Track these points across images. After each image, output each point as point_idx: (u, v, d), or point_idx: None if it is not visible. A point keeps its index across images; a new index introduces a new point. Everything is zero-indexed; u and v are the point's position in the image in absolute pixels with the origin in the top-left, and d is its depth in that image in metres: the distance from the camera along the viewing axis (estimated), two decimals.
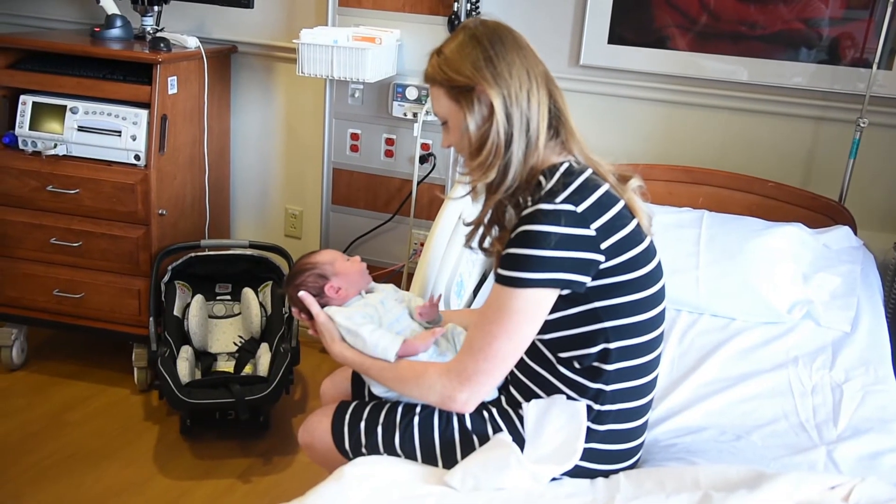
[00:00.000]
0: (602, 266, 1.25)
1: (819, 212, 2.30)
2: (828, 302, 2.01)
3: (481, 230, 1.44)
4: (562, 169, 1.30)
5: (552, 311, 1.28)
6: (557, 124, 1.35)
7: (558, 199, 1.24)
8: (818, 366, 1.80)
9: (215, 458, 2.30)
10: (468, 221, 1.47)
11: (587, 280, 1.25)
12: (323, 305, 1.55)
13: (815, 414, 1.64)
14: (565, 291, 1.26)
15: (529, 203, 1.28)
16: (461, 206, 2.04)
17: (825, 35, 2.28)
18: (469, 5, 2.44)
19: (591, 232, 1.24)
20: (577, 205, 1.24)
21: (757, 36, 2.33)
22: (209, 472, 2.23)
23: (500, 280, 1.25)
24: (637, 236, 1.31)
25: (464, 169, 1.39)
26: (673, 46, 2.41)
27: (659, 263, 1.36)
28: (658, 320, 1.35)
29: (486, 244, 1.45)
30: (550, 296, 1.25)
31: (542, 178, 1.30)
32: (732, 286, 2.00)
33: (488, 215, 1.39)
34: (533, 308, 1.25)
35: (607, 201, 1.28)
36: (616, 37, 2.45)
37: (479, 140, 1.32)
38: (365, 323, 1.46)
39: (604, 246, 1.25)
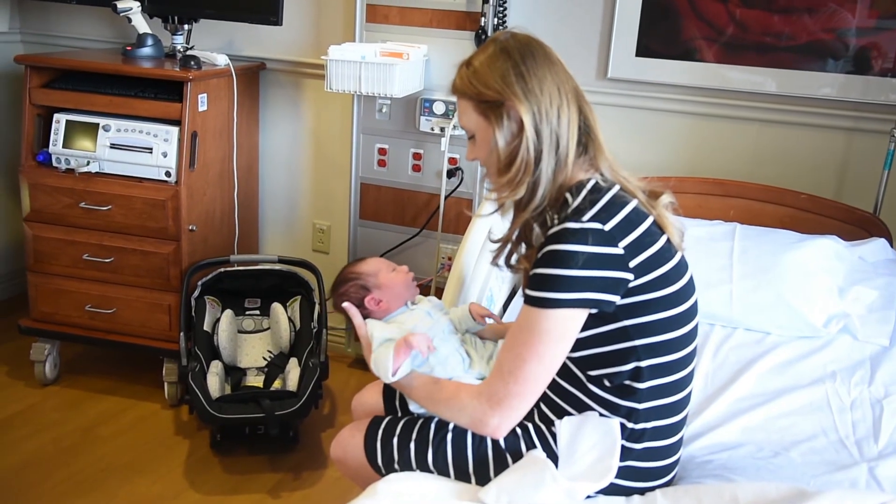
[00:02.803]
0: (631, 284, 1.23)
1: (854, 224, 2.26)
2: (865, 316, 1.97)
3: (508, 248, 1.43)
4: (588, 186, 1.28)
5: (582, 330, 1.26)
6: (587, 141, 1.33)
7: (585, 218, 1.22)
8: (856, 381, 1.77)
9: (245, 473, 2.30)
10: (495, 239, 1.45)
11: (616, 299, 1.23)
12: (366, 316, 1.55)
13: (854, 430, 1.60)
14: (594, 310, 1.24)
15: (556, 221, 1.26)
16: (490, 221, 2.04)
17: (852, 45, 2.26)
18: (496, 20, 2.44)
19: (619, 250, 1.21)
20: (604, 223, 1.22)
21: (784, 47, 2.31)
22: (239, 487, 2.24)
23: (529, 301, 1.24)
24: (667, 253, 1.28)
25: (491, 185, 1.38)
26: (701, 58, 2.39)
27: (691, 279, 1.33)
28: (690, 337, 1.33)
29: (514, 261, 1.44)
30: (580, 315, 1.23)
31: (568, 196, 1.28)
32: (767, 300, 1.97)
33: (516, 233, 1.37)
34: (562, 329, 1.23)
35: (636, 218, 1.26)
36: (644, 49, 2.44)
37: (509, 156, 1.30)
38: (383, 341, 1.45)
39: (632, 264, 1.22)
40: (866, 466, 1.47)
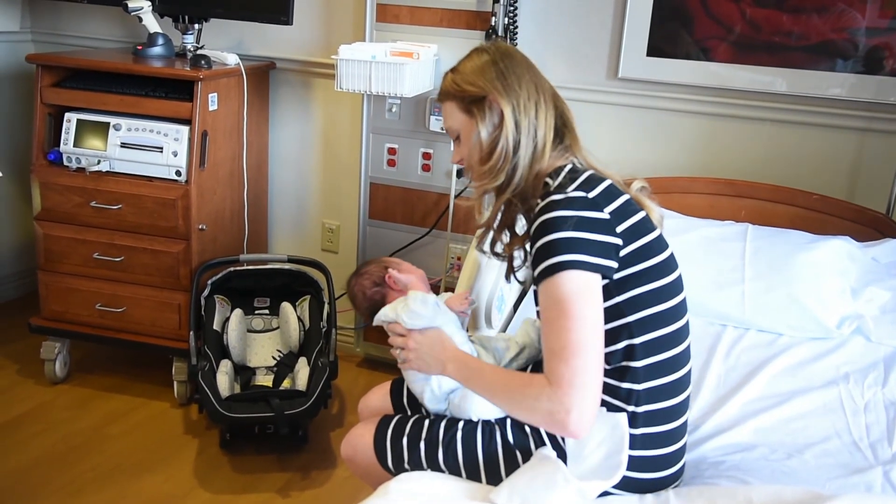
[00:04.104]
0: (622, 252, 1.27)
1: (866, 224, 2.25)
2: (878, 317, 1.96)
3: (492, 234, 1.48)
4: (566, 168, 1.36)
5: None
6: (563, 133, 1.42)
7: (569, 189, 1.29)
8: (870, 382, 1.76)
9: (254, 473, 2.30)
10: (478, 224, 1.50)
11: (615, 265, 1.26)
12: (381, 300, 1.61)
13: (868, 432, 1.60)
14: (604, 280, 1.26)
15: (540, 203, 1.31)
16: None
17: (863, 45, 2.25)
18: (506, 20, 2.44)
19: (605, 215, 1.27)
20: (587, 192, 1.29)
21: (795, 46, 2.30)
22: (248, 487, 2.24)
23: (541, 274, 1.25)
24: (648, 224, 1.35)
25: (472, 177, 1.45)
26: (711, 58, 2.38)
27: (672, 254, 1.37)
28: (680, 310, 1.35)
29: (498, 248, 1.50)
30: (594, 280, 1.24)
31: (548, 180, 1.36)
32: (779, 301, 1.96)
33: (498, 218, 1.45)
34: (584, 289, 1.22)
35: (615, 191, 1.34)
36: (655, 49, 2.43)
37: (490, 146, 1.38)
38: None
39: (619, 229, 1.28)
40: (881, 469, 1.46)
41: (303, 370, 2.40)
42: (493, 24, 2.44)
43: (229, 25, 2.80)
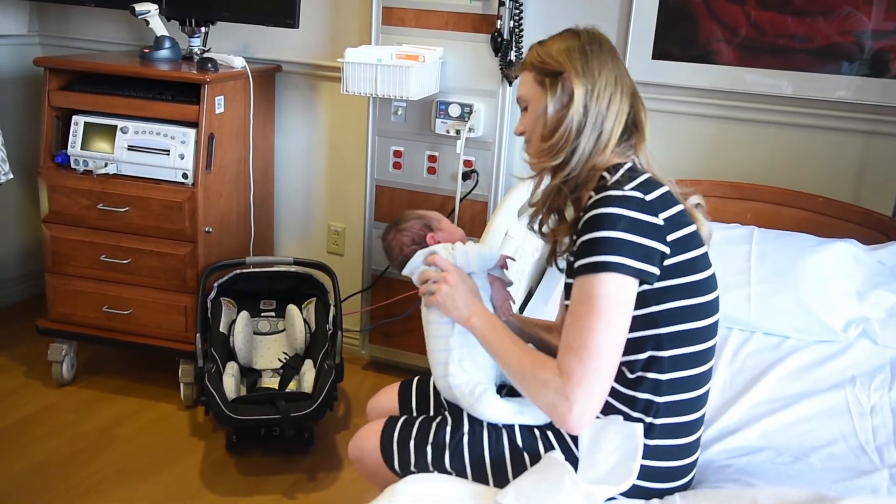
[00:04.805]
0: (667, 262, 1.25)
1: (872, 228, 2.25)
2: (884, 320, 1.96)
3: (541, 215, 1.45)
4: (626, 166, 1.33)
5: None
6: (632, 133, 1.39)
7: (627, 188, 1.26)
8: (876, 385, 1.76)
9: (261, 475, 2.31)
10: (530, 202, 1.48)
11: (657, 272, 1.24)
12: (409, 257, 1.56)
13: (874, 436, 1.59)
14: (642, 287, 1.24)
15: (593, 196, 1.28)
16: (507, 224, 2.04)
17: (868, 48, 2.25)
18: (512, 23, 2.44)
19: (658, 221, 1.24)
20: (645, 194, 1.25)
21: (800, 49, 2.30)
22: (255, 489, 2.24)
23: (581, 269, 1.23)
24: (697, 239, 1.32)
25: (531, 152, 1.42)
26: (717, 61, 2.39)
27: (714, 274, 1.35)
28: (711, 331, 1.33)
29: (545, 229, 1.47)
30: (632, 285, 1.23)
31: (605, 174, 1.32)
32: (785, 304, 1.96)
33: (549, 200, 1.41)
34: (619, 294, 1.22)
35: (671, 198, 1.30)
36: (660, 52, 2.43)
37: (554, 123, 1.35)
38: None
39: (670, 238, 1.25)
40: (887, 472, 1.46)
41: (309, 372, 2.41)
42: (498, 27, 2.45)
43: (236, 28, 2.81)
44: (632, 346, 1.28)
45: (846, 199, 2.33)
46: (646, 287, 1.25)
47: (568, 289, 1.32)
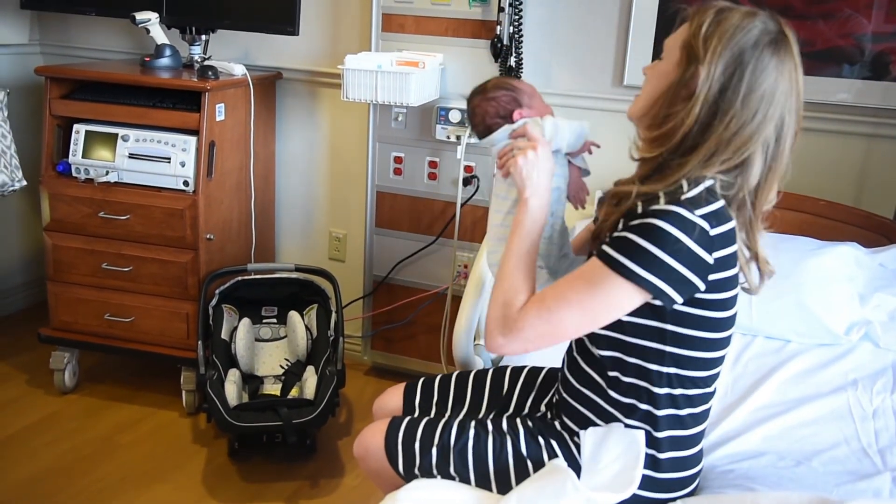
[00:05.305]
0: (696, 295, 1.21)
1: (873, 230, 2.24)
2: (886, 323, 1.95)
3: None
4: (706, 184, 1.21)
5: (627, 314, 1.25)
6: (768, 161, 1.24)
7: (697, 212, 1.17)
8: (878, 389, 1.75)
9: (263, 482, 2.31)
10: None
11: (679, 300, 1.20)
12: (493, 129, 1.49)
13: (877, 439, 1.59)
14: (656, 302, 1.21)
15: (661, 199, 1.19)
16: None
17: (868, 50, 2.25)
18: (511, 28, 2.45)
19: (710, 259, 1.18)
20: (712, 227, 1.18)
21: (800, 53, 2.29)
22: (257, 496, 2.24)
23: (604, 258, 1.20)
24: (735, 281, 1.27)
25: (640, 128, 1.31)
26: None
27: (736, 313, 1.31)
28: (719, 361, 1.32)
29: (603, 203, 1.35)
30: (639, 297, 1.20)
31: (684, 184, 1.21)
32: (787, 307, 1.96)
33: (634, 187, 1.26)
34: (618, 299, 1.20)
35: (732, 237, 1.23)
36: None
37: (667, 110, 1.23)
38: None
39: (711, 278, 1.20)
40: (890, 476, 1.45)
41: (310, 379, 2.41)
42: (498, 32, 2.45)
43: (236, 36, 2.82)
44: (636, 352, 1.28)
45: (847, 202, 2.33)
46: (667, 305, 1.21)
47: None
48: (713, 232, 1.18)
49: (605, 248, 1.20)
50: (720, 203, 1.21)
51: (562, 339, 1.27)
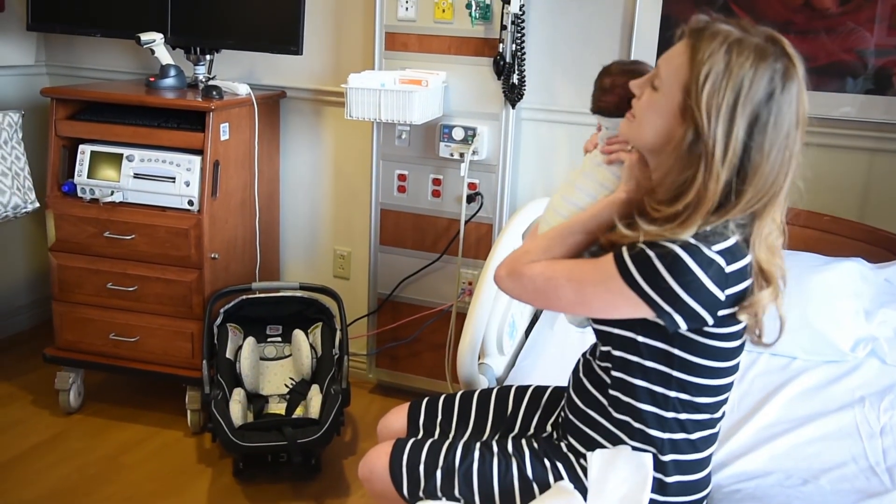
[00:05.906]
0: (703, 328, 1.22)
1: (878, 245, 2.24)
2: (893, 339, 1.95)
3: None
4: (723, 221, 1.20)
5: (633, 331, 1.26)
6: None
7: (714, 248, 1.17)
8: (886, 405, 1.74)
9: (268, 501, 2.30)
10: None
11: (683, 327, 1.21)
12: (605, 107, 1.42)
13: (885, 457, 1.58)
14: (659, 321, 1.21)
15: (675, 230, 1.17)
16: (513, 246, 2.04)
17: (871, 65, 2.25)
18: (514, 46, 2.46)
19: (721, 296, 1.18)
20: (728, 264, 1.17)
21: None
22: None
23: (619, 261, 1.20)
24: None
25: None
26: None
27: (744, 342, 1.31)
28: (726, 388, 1.32)
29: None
30: (642, 310, 1.20)
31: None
32: (792, 324, 1.89)
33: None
34: (617, 301, 1.21)
35: (746, 273, 1.22)
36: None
37: (675, 179, 1.19)
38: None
39: (721, 313, 1.20)
40: None
41: (315, 398, 2.41)
42: (500, 50, 2.46)
43: (240, 56, 2.84)
44: (640, 372, 1.27)
45: (851, 216, 2.32)
46: (670, 327, 1.21)
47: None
48: (728, 269, 1.18)
49: (626, 254, 1.20)
50: (735, 239, 1.20)
51: (550, 307, 1.38)
